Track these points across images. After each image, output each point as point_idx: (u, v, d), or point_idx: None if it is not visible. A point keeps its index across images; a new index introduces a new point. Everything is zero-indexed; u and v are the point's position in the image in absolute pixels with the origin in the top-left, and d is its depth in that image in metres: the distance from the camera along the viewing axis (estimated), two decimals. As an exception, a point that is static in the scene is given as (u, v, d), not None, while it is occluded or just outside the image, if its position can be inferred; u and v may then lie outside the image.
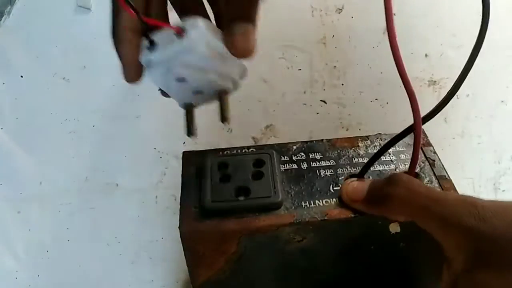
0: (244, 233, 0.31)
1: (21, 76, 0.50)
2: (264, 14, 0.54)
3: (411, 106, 0.29)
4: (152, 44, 0.27)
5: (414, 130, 0.30)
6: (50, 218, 0.47)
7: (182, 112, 0.42)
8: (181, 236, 0.31)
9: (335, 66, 0.49)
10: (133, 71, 0.27)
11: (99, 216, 0.47)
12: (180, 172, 0.39)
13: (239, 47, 0.25)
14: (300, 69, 0.50)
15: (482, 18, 0.28)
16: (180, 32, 0.26)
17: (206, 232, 0.31)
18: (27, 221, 0.47)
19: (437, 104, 0.30)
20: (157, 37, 0.27)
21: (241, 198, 0.32)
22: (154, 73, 0.28)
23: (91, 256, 0.47)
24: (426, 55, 0.50)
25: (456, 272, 0.26)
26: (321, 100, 0.51)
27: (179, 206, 0.49)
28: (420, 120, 0.29)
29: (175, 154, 0.48)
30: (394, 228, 0.32)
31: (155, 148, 0.48)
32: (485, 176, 0.48)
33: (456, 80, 0.30)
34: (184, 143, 0.48)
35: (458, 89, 0.30)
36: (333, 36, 0.50)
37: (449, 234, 0.26)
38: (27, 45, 0.50)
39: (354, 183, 0.32)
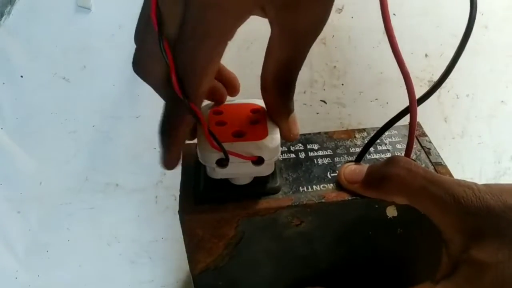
0: (242, 215, 0.31)
1: (21, 76, 0.50)
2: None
3: (406, 87, 0.30)
4: (222, 163, 0.30)
5: (409, 111, 0.30)
6: (50, 218, 0.47)
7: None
8: (180, 220, 0.31)
9: (335, 66, 0.49)
10: (175, 163, 0.30)
11: (99, 216, 0.47)
12: (180, 172, 0.39)
13: (294, 133, 0.31)
14: (300, 69, 0.50)
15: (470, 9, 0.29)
16: (257, 161, 0.30)
17: (205, 215, 0.31)
18: (27, 221, 0.47)
19: (432, 85, 0.31)
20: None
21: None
22: (212, 173, 0.31)
23: (91, 256, 0.47)
24: (426, 55, 0.50)
25: (454, 253, 0.27)
26: (321, 100, 0.51)
27: (179, 206, 0.48)
28: (415, 99, 0.30)
29: (175, 154, 0.48)
30: (391, 212, 0.32)
31: (155, 148, 0.48)
32: (485, 176, 0.47)
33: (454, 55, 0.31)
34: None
35: (454, 66, 0.31)
36: (333, 36, 0.50)
37: (446, 215, 0.27)
38: (27, 45, 0.50)
39: (351, 166, 0.32)
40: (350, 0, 0.50)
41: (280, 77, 0.28)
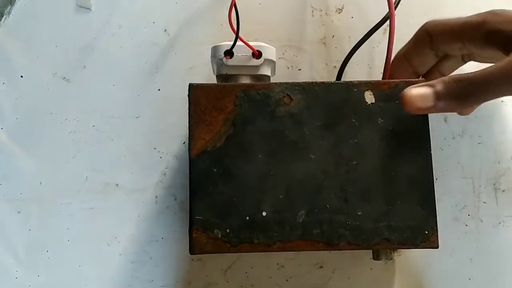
0: (241, 88, 0.39)
1: (21, 76, 0.50)
2: (264, 14, 0.54)
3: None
4: (230, 53, 0.40)
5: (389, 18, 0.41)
6: (50, 218, 0.48)
7: (181, 112, 0.43)
8: (189, 91, 0.39)
9: (335, 66, 0.49)
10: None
11: (99, 216, 0.47)
12: (180, 173, 0.39)
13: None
14: (300, 69, 0.50)
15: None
16: (257, 54, 0.40)
17: (210, 85, 0.39)
18: (27, 221, 0.48)
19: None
20: (235, 50, 0.40)
21: None
22: (219, 67, 0.41)
23: (91, 256, 0.47)
24: (426, 55, 0.50)
25: None
26: (321, 100, 0.51)
27: (179, 206, 0.49)
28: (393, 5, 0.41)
29: (175, 154, 0.48)
30: (369, 98, 0.38)
31: (155, 148, 0.48)
32: (485, 176, 0.48)
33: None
34: (184, 143, 0.48)
35: None
36: (333, 36, 0.50)
37: None
38: (27, 45, 0.50)
39: (416, 89, 0.36)
40: (350, 0, 0.50)
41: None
